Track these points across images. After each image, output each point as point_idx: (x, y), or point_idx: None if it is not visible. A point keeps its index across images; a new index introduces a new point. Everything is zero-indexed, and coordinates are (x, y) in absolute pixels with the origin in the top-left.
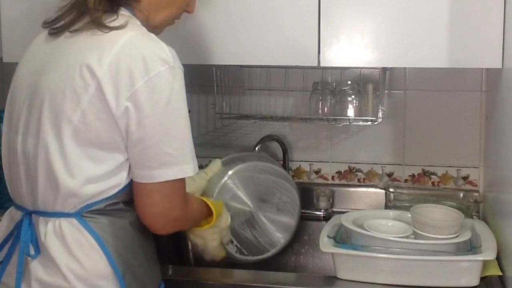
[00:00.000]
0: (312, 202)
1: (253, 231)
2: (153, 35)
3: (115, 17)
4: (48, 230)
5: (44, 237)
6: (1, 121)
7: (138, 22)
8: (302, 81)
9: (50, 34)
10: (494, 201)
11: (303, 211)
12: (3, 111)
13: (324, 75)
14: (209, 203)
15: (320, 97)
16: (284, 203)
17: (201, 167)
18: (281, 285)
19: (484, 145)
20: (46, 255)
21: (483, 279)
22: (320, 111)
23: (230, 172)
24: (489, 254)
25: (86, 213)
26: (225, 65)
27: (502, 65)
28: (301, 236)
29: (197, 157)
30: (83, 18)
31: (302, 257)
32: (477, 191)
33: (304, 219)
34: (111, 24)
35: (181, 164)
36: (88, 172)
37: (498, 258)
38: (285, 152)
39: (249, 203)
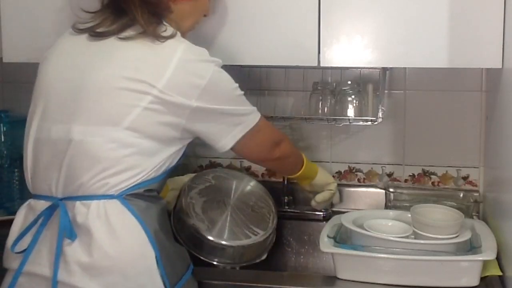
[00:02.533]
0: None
1: (227, 218)
2: (193, 44)
3: (165, 28)
4: (90, 211)
5: (85, 218)
6: (1, 121)
7: (179, 33)
8: (302, 81)
9: (92, 36)
10: (494, 201)
11: (303, 211)
12: (3, 111)
13: (324, 75)
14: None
15: (320, 97)
16: (260, 208)
17: (201, 167)
18: (281, 285)
19: (484, 145)
20: (86, 237)
21: (483, 279)
22: (320, 111)
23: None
24: (489, 254)
25: (127, 196)
26: (226, 65)
27: (502, 65)
28: (301, 236)
29: (198, 157)
30: (130, 28)
31: (302, 257)
32: (477, 191)
33: (304, 219)
34: (165, 34)
35: (247, 115)
36: (141, 160)
37: (498, 258)
38: None
39: (227, 198)
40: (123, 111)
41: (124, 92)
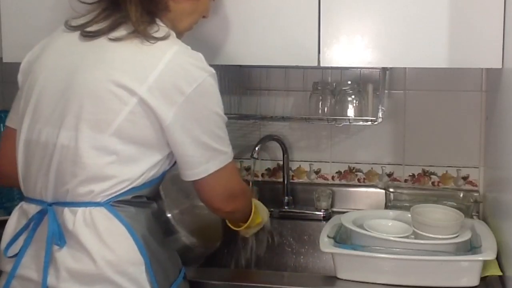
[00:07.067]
0: (312, 202)
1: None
2: (189, 47)
3: (157, 28)
4: (77, 219)
5: (72, 225)
6: (1, 121)
7: (174, 34)
8: (302, 81)
9: (84, 35)
10: (494, 201)
11: (303, 211)
12: (3, 111)
13: (324, 75)
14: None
15: (320, 97)
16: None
17: None
18: (281, 285)
19: (484, 145)
20: (75, 244)
21: (483, 279)
22: (320, 111)
23: None
24: (489, 254)
25: (114, 203)
26: (225, 65)
27: (502, 65)
28: (301, 236)
29: None
30: (122, 27)
31: (302, 257)
32: (477, 191)
33: (304, 219)
34: (156, 35)
35: (222, 154)
36: (125, 168)
37: (498, 258)
38: (285, 152)
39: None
40: (109, 117)
41: (111, 96)
